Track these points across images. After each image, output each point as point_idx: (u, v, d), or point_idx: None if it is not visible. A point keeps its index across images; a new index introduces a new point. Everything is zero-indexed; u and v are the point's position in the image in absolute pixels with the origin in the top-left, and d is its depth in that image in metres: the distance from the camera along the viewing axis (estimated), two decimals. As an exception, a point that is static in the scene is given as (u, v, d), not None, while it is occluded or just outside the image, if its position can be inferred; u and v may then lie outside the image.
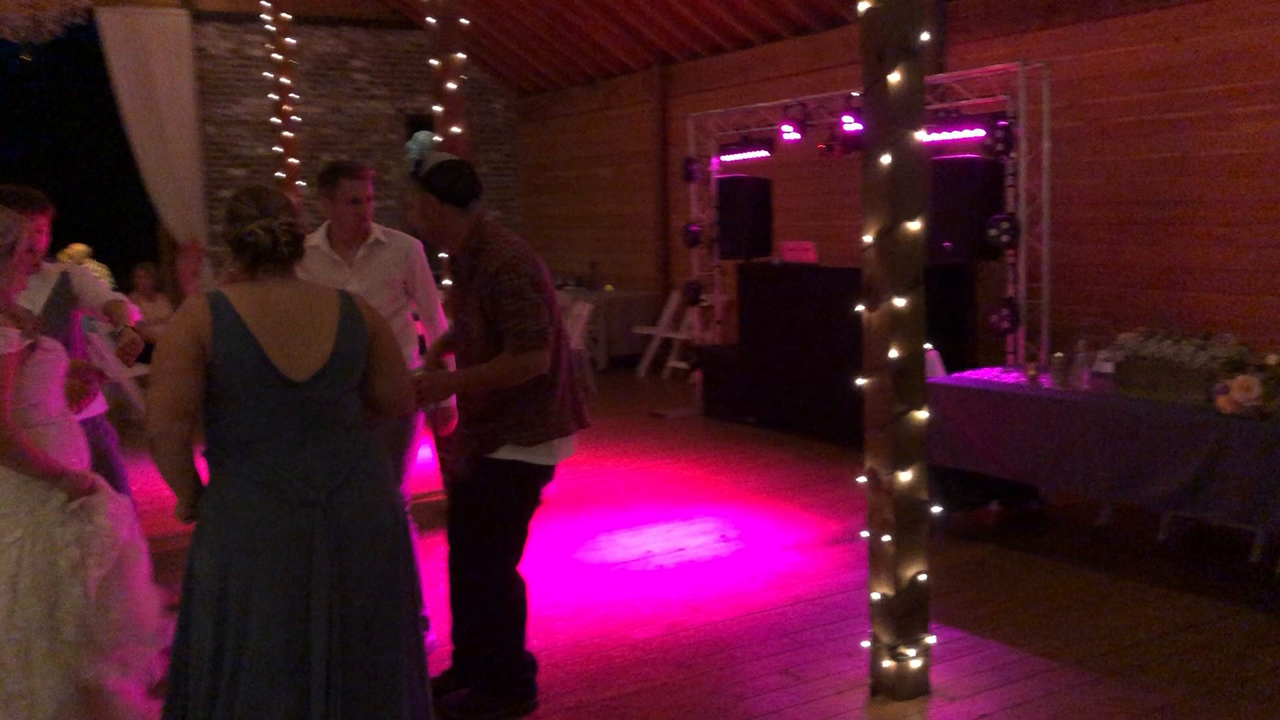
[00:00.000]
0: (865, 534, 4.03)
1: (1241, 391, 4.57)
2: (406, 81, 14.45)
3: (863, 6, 3.75)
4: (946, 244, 7.20)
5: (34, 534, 3.18)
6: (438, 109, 6.95)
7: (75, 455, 3.29)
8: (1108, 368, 5.35)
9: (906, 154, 3.72)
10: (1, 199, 3.76)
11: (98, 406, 4.26)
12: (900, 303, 3.77)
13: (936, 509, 5.23)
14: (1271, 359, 4.54)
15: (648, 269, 12.59)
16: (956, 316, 7.57)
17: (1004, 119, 6.97)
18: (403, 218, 4.66)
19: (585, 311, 10.62)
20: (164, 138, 12.81)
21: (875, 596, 3.97)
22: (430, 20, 6.87)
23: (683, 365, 11.28)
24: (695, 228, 9.62)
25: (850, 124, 7.71)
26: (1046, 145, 7.00)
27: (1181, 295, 7.07)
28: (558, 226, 14.39)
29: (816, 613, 4.87)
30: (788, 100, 8.62)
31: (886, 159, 3.71)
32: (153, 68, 12.67)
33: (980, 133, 7.12)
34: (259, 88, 13.50)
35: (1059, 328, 7.29)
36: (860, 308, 3.88)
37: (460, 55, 6.87)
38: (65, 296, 4.18)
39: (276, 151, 10.36)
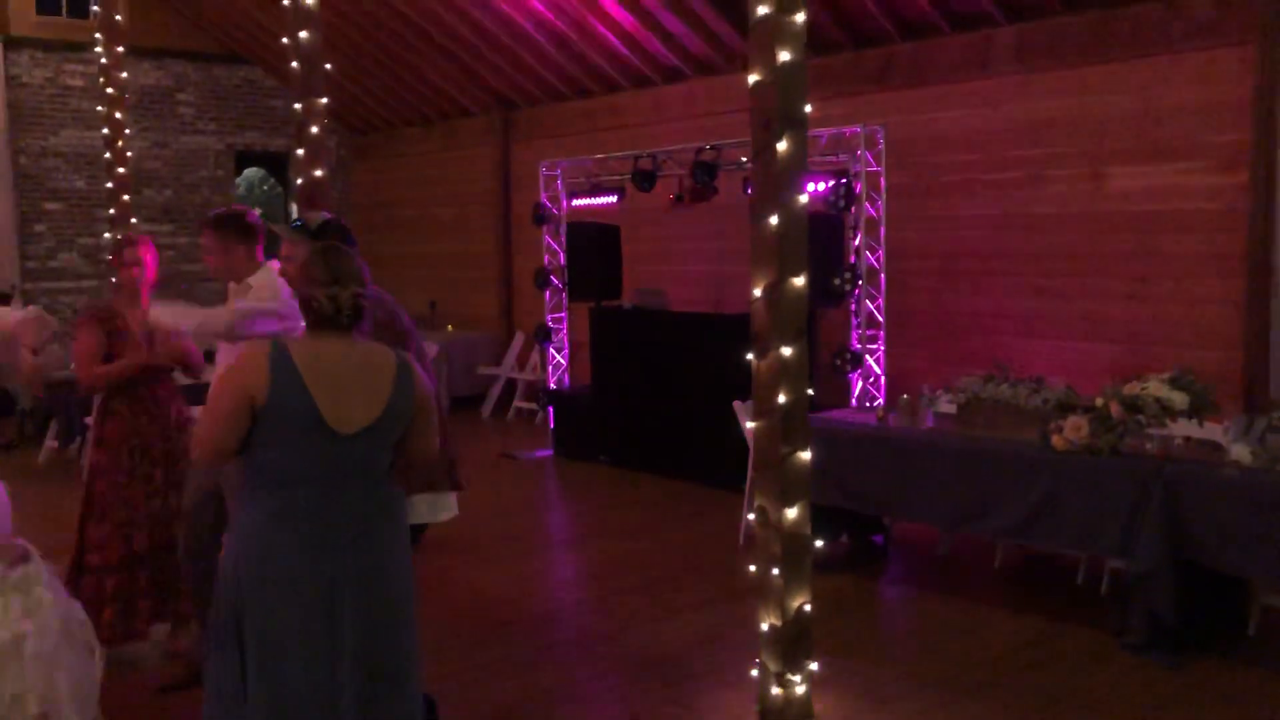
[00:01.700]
0: (753, 568, 4.27)
1: (1073, 431, 5.07)
2: (235, 117, 14.15)
3: (752, 78, 4.04)
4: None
5: None
6: (300, 152, 6.89)
7: None
8: (950, 409, 5.82)
9: (793, 215, 4.02)
10: None
11: None
12: (787, 351, 4.05)
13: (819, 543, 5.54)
14: (1099, 401, 5.07)
15: (489, 310, 12.67)
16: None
17: (845, 176, 7.46)
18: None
19: (432, 352, 10.62)
20: (-28, 168, 12.16)
21: (764, 627, 4.22)
22: (293, 65, 6.84)
23: (529, 406, 11.41)
24: (547, 270, 9.81)
25: (700, 176, 8.07)
26: (884, 202, 7.54)
27: (1001, 340, 7.70)
28: (394, 266, 14.26)
29: (697, 644, 5.10)
30: (638, 151, 8.94)
31: (775, 220, 4.00)
32: (-41, 94, 12.04)
33: (821, 187, 7.59)
34: (77, 119, 12.98)
35: (890, 370, 7.83)
36: (750, 356, 4.15)
37: (323, 100, 6.85)
38: None
39: (106, 187, 9.96)
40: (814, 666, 4.28)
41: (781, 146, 4.01)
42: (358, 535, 2.99)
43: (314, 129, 6.98)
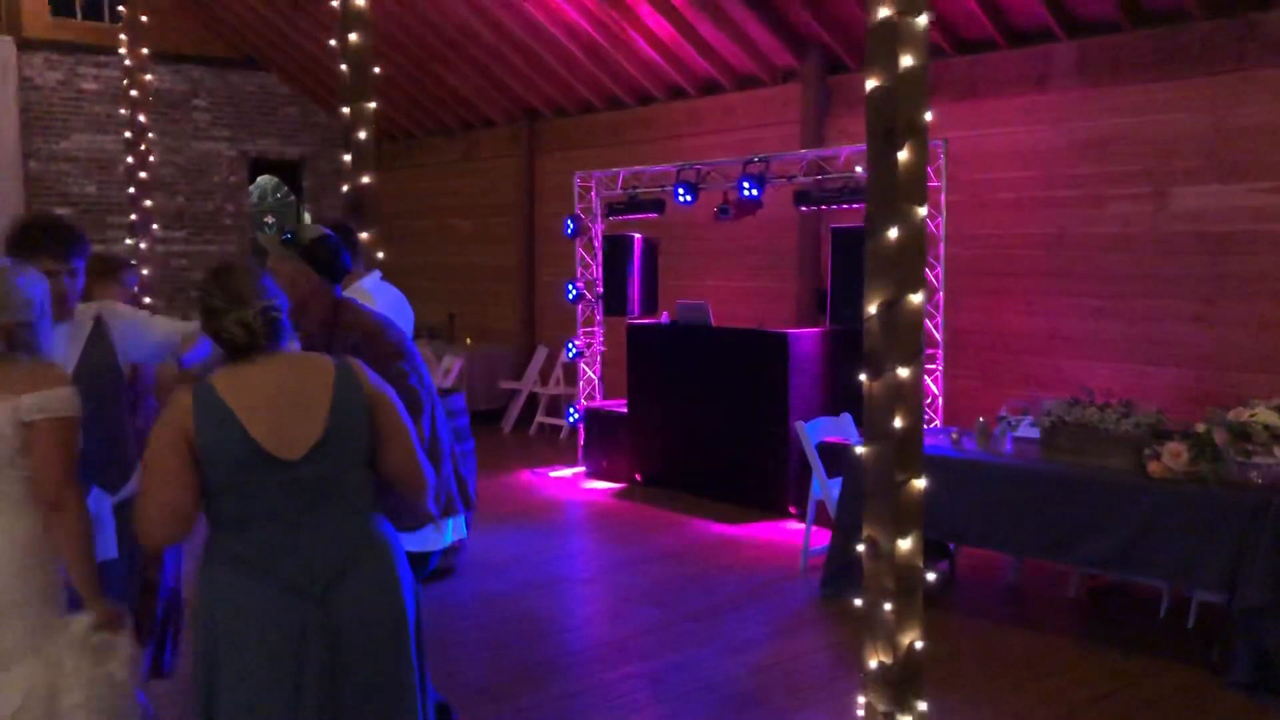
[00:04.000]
0: (859, 601, 4.05)
1: (1171, 458, 4.87)
2: (249, 123, 13.91)
3: (870, 84, 3.83)
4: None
5: (43, 664, 2.82)
6: (347, 158, 6.68)
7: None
8: (1032, 433, 5.61)
9: (912, 229, 3.81)
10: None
11: None
12: (904, 373, 3.83)
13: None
14: (1200, 427, 4.86)
15: (510, 323, 12.43)
16: (848, 381, 7.83)
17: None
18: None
19: (454, 366, 10.40)
20: (-18, 171, 11.88)
21: (871, 664, 3.98)
22: (342, 67, 6.62)
23: (553, 421, 11.16)
24: (580, 284, 9.58)
25: (749, 189, 7.85)
26: (944, 219, 7.33)
27: (1058, 362, 7.50)
28: (411, 277, 13.95)
29: (778, 679, 4.85)
30: (682, 163, 8.73)
31: (894, 233, 3.79)
32: (-29, 96, 11.77)
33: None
34: (90, 122, 12.73)
35: (944, 392, 7.61)
36: (862, 377, 3.93)
37: (371, 104, 6.62)
38: (102, 348, 3.51)
39: (128, 192, 9.71)
40: (923, 707, 4.05)
41: (903, 156, 3.81)
42: (330, 580, 2.67)
43: (362, 134, 6.78)
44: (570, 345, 9.61)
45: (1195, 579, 4.88)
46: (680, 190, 8.34)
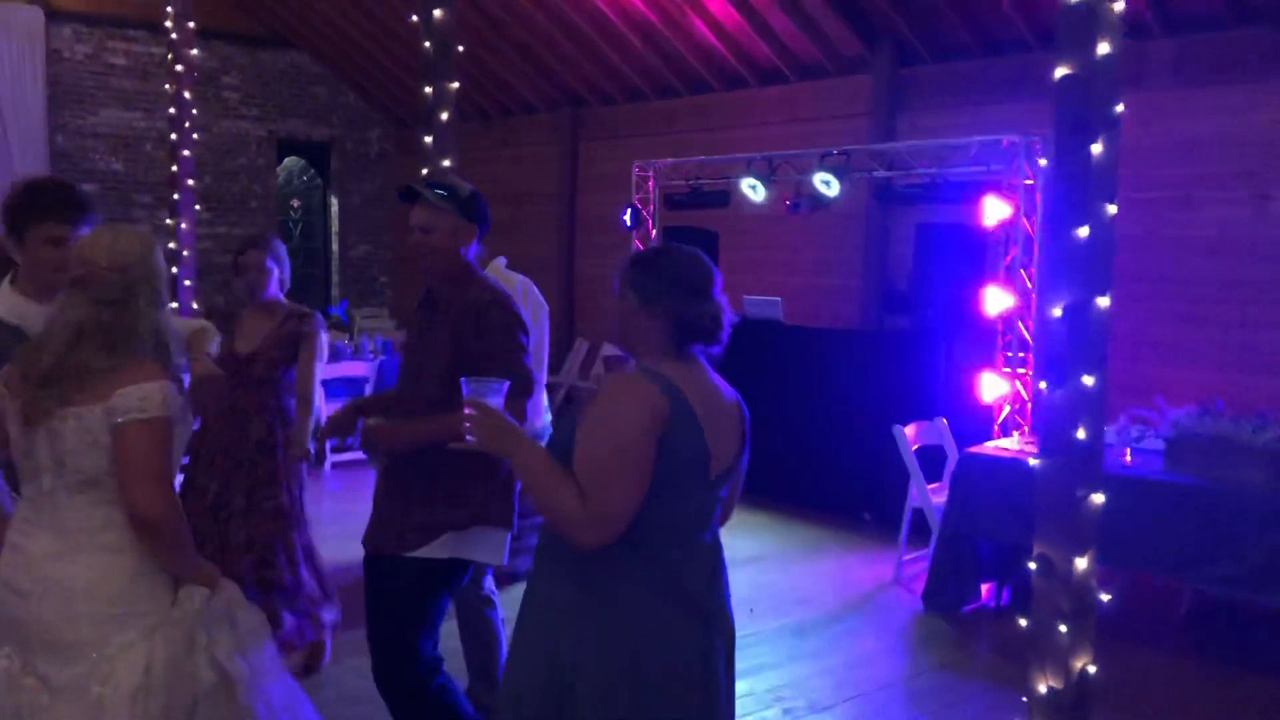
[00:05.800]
0: (1024, 621, 3.82)
1: (1320, 474, 4.65)
2: (279, 103, 13.56)
3: (1060, 72, 3.60)
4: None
5: (161, 637, 2.59)
6: (428, 139, 6.38)
7: None
8: (1156, 445, 5.38)
9: (1104, 227, 3.58)
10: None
11: None
12: (1089, 380, 3.60)
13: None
14: (1354, 443, 4.65)
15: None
16: (930, 382, 7.61)
17: (997, 189, 6.99)
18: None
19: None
20: (7, 144, 11.52)
21: (1040, 689, 3.76)
22: (425, 45, 6.32)
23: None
24: (636, 277, 9.31)
25: (826, 183, 7.60)
26: (1040, 217, 7.10)
27: (1144, 368, 7.28)
28: (439, 265, 13.72)
29: (911, 699, 4.62)
30: (752, 154, 8.47)
31: (1085, 231, 3.55)
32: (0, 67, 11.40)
33: (957, 202, 7.17)
34: (118, 98, 12.37)
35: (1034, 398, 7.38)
36: (1042, 385, 3.69)
37: (455, 84, 6.34)
38: None
39: (171, 170, 9.38)
40: (1095, 734, 3.83)
41: (1096, 149, 3.57)
42: (722, 603, 2.49)
43: (444, 115, 6.49)
44: (624, 339, 9.35)
45: (1345, 601, 4.67)
46: (750, 180, 8.08)
